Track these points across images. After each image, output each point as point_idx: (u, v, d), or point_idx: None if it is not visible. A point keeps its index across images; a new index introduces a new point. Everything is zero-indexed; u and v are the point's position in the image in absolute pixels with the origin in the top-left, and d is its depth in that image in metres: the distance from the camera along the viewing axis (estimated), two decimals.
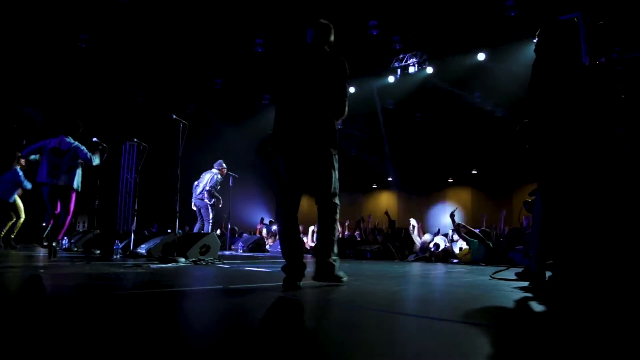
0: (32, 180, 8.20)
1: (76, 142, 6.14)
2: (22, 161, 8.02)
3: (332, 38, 3.43)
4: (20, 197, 8.39)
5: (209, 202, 8.89)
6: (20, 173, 8.14)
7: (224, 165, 9.39)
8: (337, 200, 3.20)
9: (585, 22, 7.07)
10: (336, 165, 3.18)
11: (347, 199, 24.40)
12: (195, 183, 9.20)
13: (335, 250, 3.14)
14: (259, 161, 17.56)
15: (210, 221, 8.93)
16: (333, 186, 3.15)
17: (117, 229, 11.46)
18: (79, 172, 6.17)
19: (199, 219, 9.07)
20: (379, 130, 17.20)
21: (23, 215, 8.46)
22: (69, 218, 6.11)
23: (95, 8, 9.87)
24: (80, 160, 6.14)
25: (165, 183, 7.86)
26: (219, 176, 9.18)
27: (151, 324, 1.77)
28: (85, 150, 6.13)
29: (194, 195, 9.12)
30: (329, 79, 3.16)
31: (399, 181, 22.54)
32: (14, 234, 8.44)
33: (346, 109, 3.21)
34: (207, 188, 8.93)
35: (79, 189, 6.16)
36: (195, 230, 8.85)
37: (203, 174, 9.27)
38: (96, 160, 6.29)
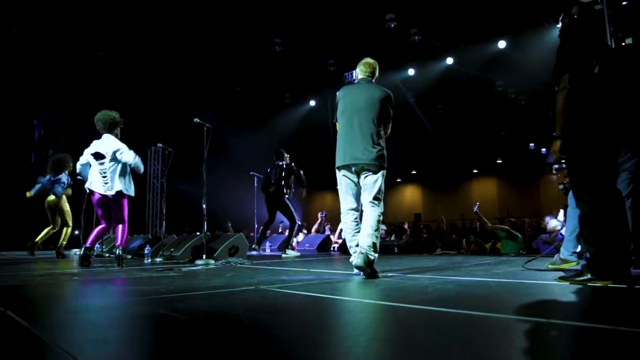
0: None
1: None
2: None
3: (377, 73, 4.23)
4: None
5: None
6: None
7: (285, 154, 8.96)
8: (381, 205, 3.86)
9: (609, 4, 6.89)
10: (383, 177, 3.92)
11: None
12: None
13: (377, 245, 3.68)
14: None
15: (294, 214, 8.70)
16: (378, 190, 3.86)
17: (149, 234, 11.64)
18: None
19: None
20: (402, 123, 17.03)
21: (70, 223, 8.36)
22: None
23: (116, 18, 10.07)
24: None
25: (192, 187, 7.93)
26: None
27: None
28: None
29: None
30: (379, 106, 3.91)
31: (424, 174, 22.36)
32: (65, 242, 8.39)
33: (390, 128, 4.13)
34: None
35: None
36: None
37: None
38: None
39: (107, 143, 5.58)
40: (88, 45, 11.16)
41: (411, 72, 13.18)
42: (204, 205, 5.91)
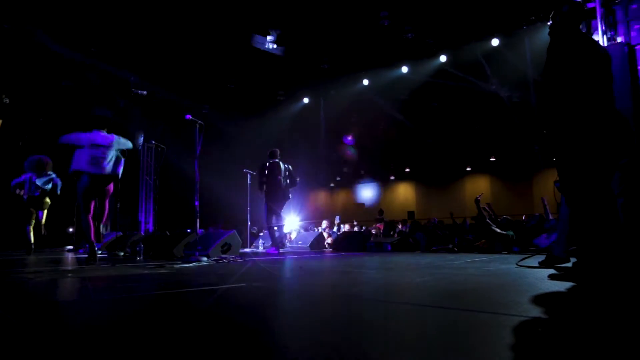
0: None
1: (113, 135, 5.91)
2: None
3: None
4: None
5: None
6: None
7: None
8: None
9: (602, 2, 6.91)
10: None
11: (364, 192, 24.45)
12: (279, 178, 8.23)
13: None
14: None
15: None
16: None
17: (141, 231, 11.59)
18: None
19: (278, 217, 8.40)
20: (395, 122, 17.07)
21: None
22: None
23: (107, 12, 10.01)
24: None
25: (185, 184, 7.90)
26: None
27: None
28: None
29: (282, 195, 8.31)
30: None
31: (417, 172, 22.42)
32: None
33: None
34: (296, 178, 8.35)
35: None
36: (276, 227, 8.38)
37: (274, 168, 8.33)
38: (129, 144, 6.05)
39: None
40: (80, 42, 11.09)
41: (405, 69, 13.19)
42: (197, 203, 5.89)
